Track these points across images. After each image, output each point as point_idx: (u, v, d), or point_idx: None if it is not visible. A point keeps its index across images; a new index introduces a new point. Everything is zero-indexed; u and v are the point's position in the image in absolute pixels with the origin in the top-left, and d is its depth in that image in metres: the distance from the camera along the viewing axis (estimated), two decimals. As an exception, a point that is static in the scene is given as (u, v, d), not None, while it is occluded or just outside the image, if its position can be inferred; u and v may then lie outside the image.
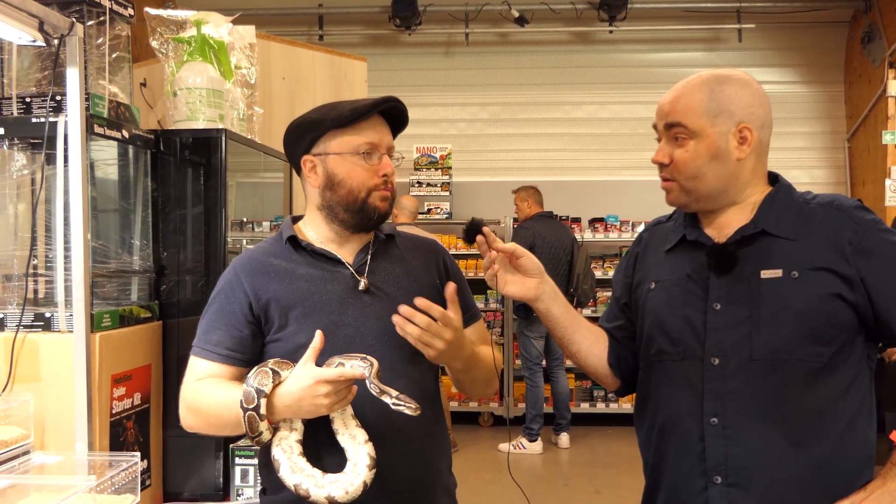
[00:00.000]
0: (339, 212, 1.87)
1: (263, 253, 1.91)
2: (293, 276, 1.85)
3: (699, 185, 1.73)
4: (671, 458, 1.77)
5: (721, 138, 1.70)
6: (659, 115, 1.77)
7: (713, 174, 1.72)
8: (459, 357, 1.78)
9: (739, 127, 1.71)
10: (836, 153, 8.41)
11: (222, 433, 1.83)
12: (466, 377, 1.89)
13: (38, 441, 2.25)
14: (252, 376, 1.66)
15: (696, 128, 1.70)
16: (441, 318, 1.69)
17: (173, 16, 2.86)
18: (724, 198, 1.75)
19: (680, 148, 1.72)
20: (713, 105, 1.70)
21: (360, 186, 1.84)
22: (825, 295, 1.65)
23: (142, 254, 2.64)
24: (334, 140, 1.84)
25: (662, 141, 1.76)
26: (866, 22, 7.78)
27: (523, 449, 6.70)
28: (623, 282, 1.97)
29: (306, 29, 8.56)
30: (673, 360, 1.77)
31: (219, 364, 1.82)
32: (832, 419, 1.66)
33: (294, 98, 3.94)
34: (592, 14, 8.22)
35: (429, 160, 8.07)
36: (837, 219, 1.70)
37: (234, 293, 1.85)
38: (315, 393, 1.60)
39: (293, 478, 1.65)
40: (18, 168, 2.48)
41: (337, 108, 1.86)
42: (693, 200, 1.76)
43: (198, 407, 1.80)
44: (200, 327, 1.87)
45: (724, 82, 1.72)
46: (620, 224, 7.80)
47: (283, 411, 1.66)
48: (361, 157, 1.84)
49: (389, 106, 1.86)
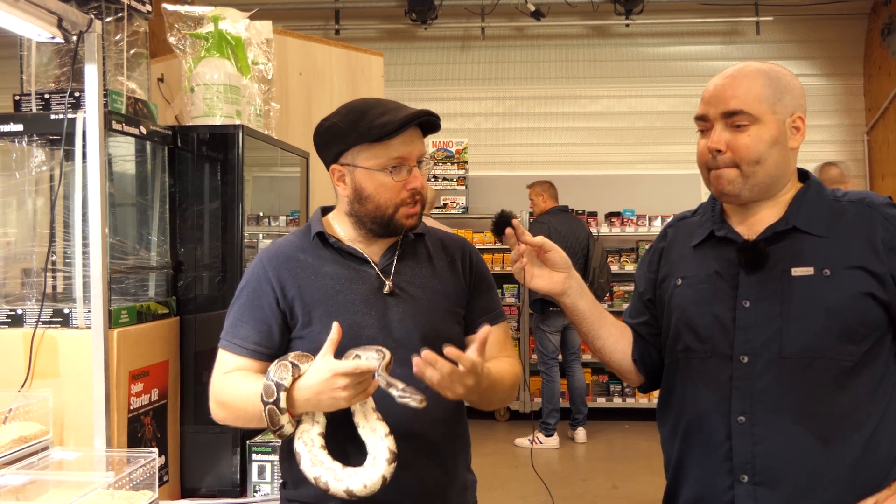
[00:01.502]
0: (366, 222, 1.86)
1: (291, 247, 1.90)
2: (319, 273, 1.84)
3: (759, 171, 1.70)
4: (696, 457, 1.75)
5: (780, 126, 1.69)
6: (713, 103, 1.72)
7: (773, 160, 1.70)
8: (476, 392, 1.70)
9: (794, 116, 1.71)
10: (856, 146, 8.34)
11: (250, 425, 1.83)
12: (481, 401, 1.82)
13: (57, 437, 2.26)
14: (272, 370, 1.67)
15: (758, 113, 1.68)
16: (468, 367, 1.61)
17: (191, 11, 2.85)
18: (774, 187, 1.73)
19: (741, 134, 1.69)
20: (773, 92, 1.69)
21: (387, 203, 1.82)
22: (858, 293, 1.64)
23: (159, 250, 2.64)
24: (362, 154, 1.81)
25: (718, 127, 1.71)
26: (886, 14, 7.70)
27: (540, 444, 6.69)
28: (647, 277, 1.94)
29: (322, 24, 8.57)
30: (700, 357, 1.75)
31: (246, 358, 1.82)
32: (861, 418, 1.64)
33: (311, 93, 3.93)
34: (609, 7, 8.18)
35: (445, 154, 8.05)
36: (869, 216, 1.68)
37: (262, 287, 1.84)
38: (333, 386, 1.59)
39: (313, 470, 1.66)
40: (37, 164, 2.48)
41: (366, 117, 1.80)
42: (748, 188, 1.72)
43: (224, 400, 1.80)
44: (228, 320, 1.87)
45: (778, 72, 1.72)
46: (637, 218, 7.75)
47: (303, 404, 1.66)
48: (389, 174, 1.81)
49: (422, 120, 1.83)
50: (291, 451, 1.72)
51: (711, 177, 1.74)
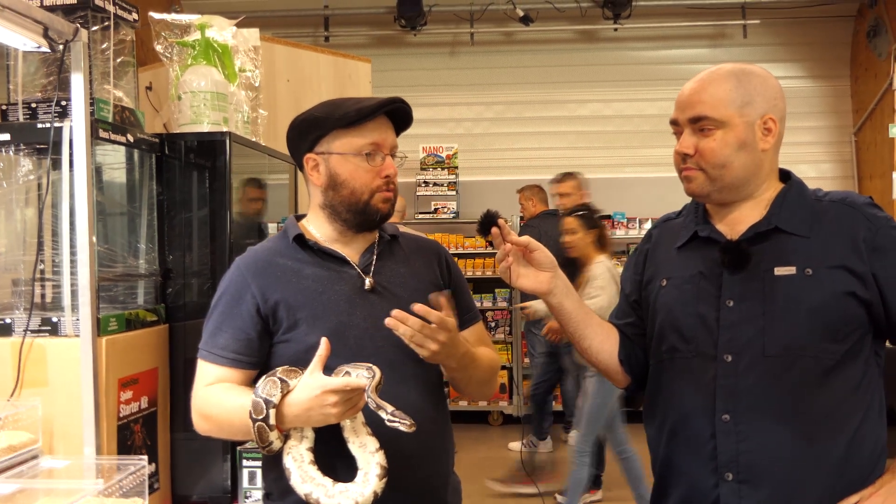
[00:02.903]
0: (341, 211, 1.86)
1: (268, 252, 1.90)
2: (300, 275, 1.84)
3: (725, 174, 1.71)
4: (682, 456, 1.76)
5: (748, 128, 1.70)
6: (681, 108, 1.74)
7: (740, 163, 1.71)
8: (454, 356, 1.76)
9: (764, 118, 1.72)
10: (843, 147, 8.37)
11: (235, 438, 1.83)
12: (462, 376, 1.87)
13: (47, 445, 2.25)
14: (261, 386, 1.65)
15: (723, 118, 1.69)
16: (437, 321, 1.67)
17: (177, 20, 2.86)
18: (745, 189, 1.75)
19: (707, 138, 1.70)
20: (740, 95, 1.70)
21: (362, 188, 1.83)
22: (840, 293, 1.65)
23: (148, 257, 2.64)
24: (337, 140, 1.83)
25: (686, 132, 1.73)
26: (872, 16, 7.75)
27: (533, 447, 6.68)
28: (633, 279, 1.96)
29: (312, 30, 8.57)
30: (685, 357, 1.77)
31: (226, 368, 1.80)
32: (844, 416, 1.66)
33: (299, 100, 3.94)
34: (597, 12, 8.20)
35: (435, 160, 8.06)
36: (850, 215, 1.70)
37: (241, 295, 1.83)
38: (323, 402, 1.58)
39: (304, 487, 1.64)
40: (25, 173, 2.48)
41: (342, 106, 1.84)
42: (716, 190, 1.74)
43: (208, 413, 1.78)
44: (206, 329, 1.85)
45: (749, 74, 1.73)
46: (627, 221, 7.79)
47: (292, 420, 1.64)
48: (364, 158, 1.83)
49: (395, 107, 1.85)
50: (278, 465, 1.71)
51: (682, 178, 1.77)
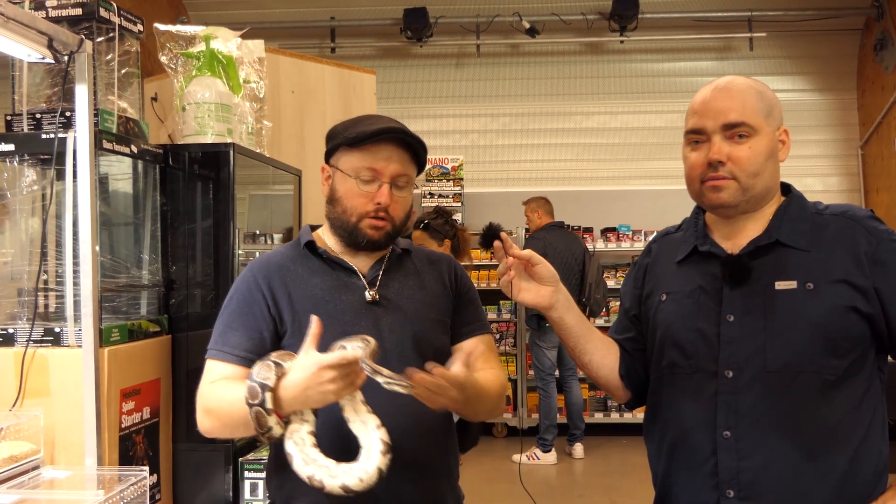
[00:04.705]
0: (336, 227, 1.89)
1: (280, 257, 1.92)
2: (308, 282, 1.85)
3: (757, 183, 1.70)
4: (682, 472, 1.75)
5: (773, 138, 1.72)
6: (711, 115, 1.70)
7: (768, 172, 1.72)
8: (462, 404, 1.68)
9: (780, 130, 1.73)
10: (850, 160, 8.36)
11: (238, 434, 1.81)
12: (467, 410, 1.82)
13: (48, 456, 2.25)
14: (255, 371, 1.61)
15: (757, 125, 1.69)
16: (453, 383, 1.60)
17: (182, 31, 2.87)
18: (766, 200, 1.75)
19: (740, 146, 1.69)
20: (764, 105, 1.71)
21: (352, 210, 1.85)
22: (841, 307, 1.64)
23: (151, 268, 2.65)
24: (343, 157, 1.87)
25: (716, 139, 1.70)
26: (879, 29, 7.75)
27: (537, 460, 6.67)
28: (632, 293, 1.95)
29: (319, 42, 8.60)
30: (685, 372, 1.76)
31: (236, 366, 1.78)
32: (846, 432, 1.64)
33: (303, 112, 3.95)
34: (603, 24, 8.22)
35: (440, 171, 8.08)
36: (852, 229, 1.69)
37: (252, 294, 1.84)
38: (320, 379, 1.53)
39: (306, 469, 1.59)
40: (29, 183, 2.49)
41: (358, 124, 1.87)
42: (745, 200, 1.72)
43: (210, 407, 1.76)
44: (216, 330, 1.85)
45: (763, 86, 1.74)
46: (633, 234, 7.79)
47: (290, 403, 1.59)
48: (360, 182, 1.84)
49: (393, 136, 1.84)
50: (281, 472, 1.69)
51: (706, 188, 1.73)
